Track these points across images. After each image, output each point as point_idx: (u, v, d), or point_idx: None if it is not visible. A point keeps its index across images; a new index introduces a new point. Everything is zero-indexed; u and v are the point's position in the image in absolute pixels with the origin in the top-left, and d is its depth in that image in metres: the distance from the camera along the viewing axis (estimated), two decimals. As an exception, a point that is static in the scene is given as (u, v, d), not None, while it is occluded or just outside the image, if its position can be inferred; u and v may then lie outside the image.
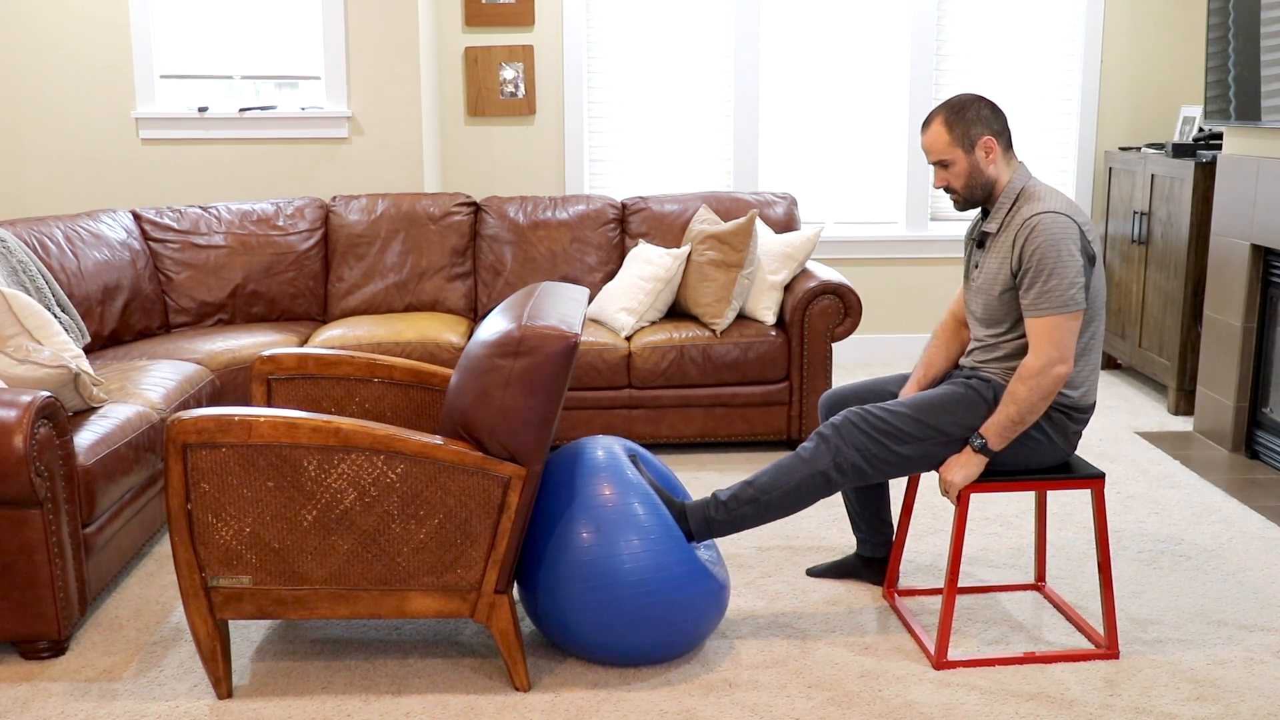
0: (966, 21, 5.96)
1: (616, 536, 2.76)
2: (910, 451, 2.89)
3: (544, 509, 2.86)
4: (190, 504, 2.65)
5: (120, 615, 3.25)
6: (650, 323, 4.71)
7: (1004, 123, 2.91)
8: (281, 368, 3.24)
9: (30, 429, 2.80)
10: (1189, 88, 5.94)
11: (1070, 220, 2.78)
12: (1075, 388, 2.90)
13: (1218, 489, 4.20)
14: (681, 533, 2.84)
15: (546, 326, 2.67)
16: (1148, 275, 5.42)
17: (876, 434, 2.88)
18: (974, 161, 2.88)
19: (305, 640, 3.10)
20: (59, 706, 2.77)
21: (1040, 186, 2.88)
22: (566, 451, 2.97)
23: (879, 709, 2.73)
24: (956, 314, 3.20)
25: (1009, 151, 2.92)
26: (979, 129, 2.86)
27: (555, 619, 2.84)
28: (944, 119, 2.89)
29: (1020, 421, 2.81)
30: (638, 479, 2.85)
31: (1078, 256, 2.76)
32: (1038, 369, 2.76)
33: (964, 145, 2.87)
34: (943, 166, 2.91)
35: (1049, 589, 3.32)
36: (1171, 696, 2.78)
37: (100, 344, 4.42)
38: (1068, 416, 2.91)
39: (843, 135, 6.05)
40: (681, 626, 2.83)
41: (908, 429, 2.88)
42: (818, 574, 3.45)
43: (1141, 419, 5.12)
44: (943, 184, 2.94)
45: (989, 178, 2.89)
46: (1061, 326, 2.76)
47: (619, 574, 2.74)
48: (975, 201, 2.94)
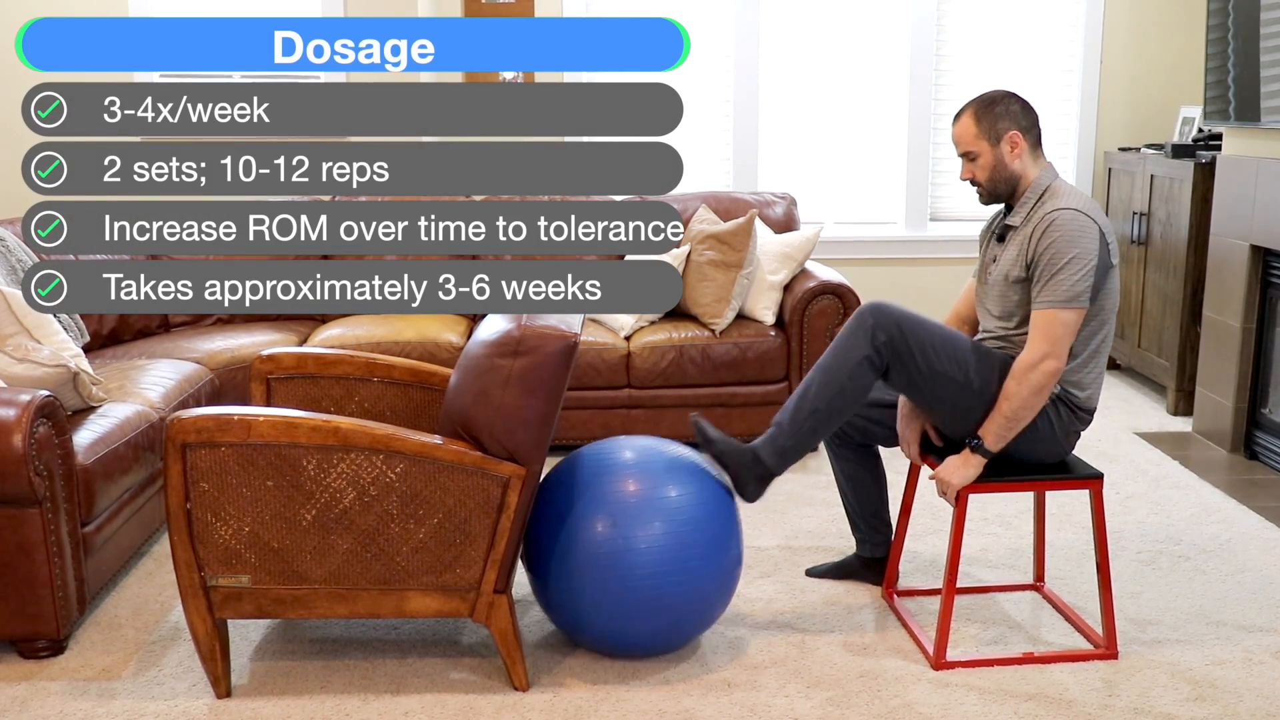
0: (966, 21, 5.96)
1: (635, 526, 2.76)
2: (936, 357, 2.87)
3: (563, 502, 2.85)
4: (189, 503, 2.65)
5: (119, 614, 3.24)
6: (650, 322, 4.70)
7: (1034, 120, 2.93)
8: (281, 367, 3.24)
9: (29, 428, 2.80)
10: (1188, 88, 5.93)
11: (1091, 221, 2.80)
12: (1082, 388, 2.91)
13: (1217, 489, 4.20)
14: (729, 494, 2.90)
15: (546, 326, 2.67)
16: (1147, 276, 5.42)
17: (909, 325, 2.88)
18: (999, 155, 2.90)
19: (304, 640, 3.10)
20: (58, 705, 2.77)
21: (1066, 186, 2.90)
22: (590, 449, 2.98)
23: (878, 709, 2.73)
24: (961, 314, 3.21)
25: (1037, 149, 2.94)
26: (1006, 123, 2.89)
27: (567, 608, 2.86)
28: (974, 111, 2.92)
29: (1015, 419, 2.81)
30: (714, 436, 2.93)
31: (1092, 256, 2.77)
32: (1028, 364, 2.78)
33: (990, 138, 2.90)
34: (969, 159, 2.94)
35: (1048, 589, 3.32)
36: (1170, 697, 2.78)
37: (99, 343, 4.42)
38: (1072, 412, 2.91)
39: (842, 135, 6.05)
40: (694, 612, 2.87)
41: (938, 340, 2.88)
42: (818, 575, 3.45)
43: (1140, 419, 5.12)
44: (969, 176, 2.96)
45: (1013, 172, 2.91)
46: (1059, 321, 2.77)
47: (634, 564, 2.75)
48: (999, 196, 2.96)
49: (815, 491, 4.19)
